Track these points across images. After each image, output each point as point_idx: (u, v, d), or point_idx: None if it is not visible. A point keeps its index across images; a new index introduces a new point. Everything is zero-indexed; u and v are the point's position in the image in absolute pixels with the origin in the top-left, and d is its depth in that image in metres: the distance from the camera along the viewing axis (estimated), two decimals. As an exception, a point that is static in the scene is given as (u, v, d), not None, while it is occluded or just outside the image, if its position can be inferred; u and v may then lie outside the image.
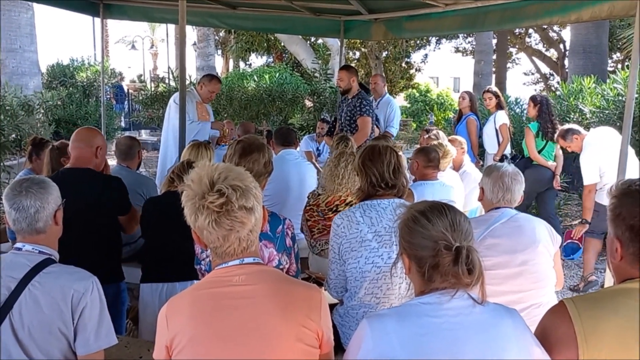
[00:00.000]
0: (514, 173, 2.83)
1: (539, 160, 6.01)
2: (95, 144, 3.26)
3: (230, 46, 24.28)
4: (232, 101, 10.30)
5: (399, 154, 2.76)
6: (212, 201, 1.51)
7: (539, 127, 5.98)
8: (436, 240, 1.55)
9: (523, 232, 2.69)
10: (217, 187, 1.52)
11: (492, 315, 1.53)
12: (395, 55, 26.67)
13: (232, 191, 1.52)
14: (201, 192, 1.53)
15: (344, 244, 2.54)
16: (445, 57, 36.14)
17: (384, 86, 7.08)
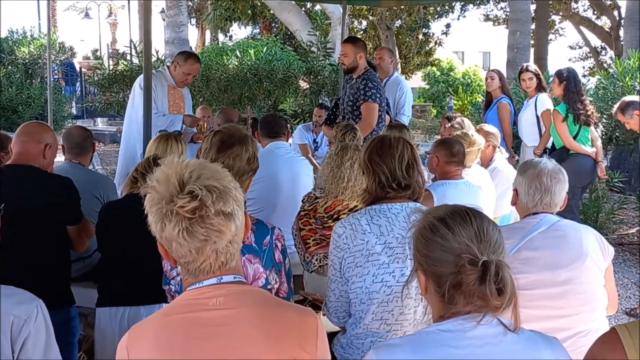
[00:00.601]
0: (555, 170, 2.83)
1: (577, 148, 6.03)
2: (45, 140, 3.27)
3: (206, 14, 24.27)
4: (209, 82, 10.29)
5: (413, 147, 2.77)
6: (183, 205, 1.51)
7: (568, 109, 6.00)
8: (459, 254, 1.56)
9: (567, 243, 2.70)
10: (189, 189, 1.52)
11: (527, 346, 1.54)
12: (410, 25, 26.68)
13: (207, 193, 1.52)
14: (169, 194, 1.53)
15: (346, 259, 2.55)
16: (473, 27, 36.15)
17: (391, 62, 7.04)
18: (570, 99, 6.02)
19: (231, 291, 1.59)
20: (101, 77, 10.46)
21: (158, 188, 1.54)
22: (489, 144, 5.18)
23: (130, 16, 28.19)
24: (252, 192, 4.26)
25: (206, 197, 1.52)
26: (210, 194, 1.52)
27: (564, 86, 6.06)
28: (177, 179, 1.54)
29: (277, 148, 4.59)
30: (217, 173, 1.59)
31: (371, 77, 5.58)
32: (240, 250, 2.34)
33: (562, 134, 6.03)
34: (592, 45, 27.58)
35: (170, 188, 1.53)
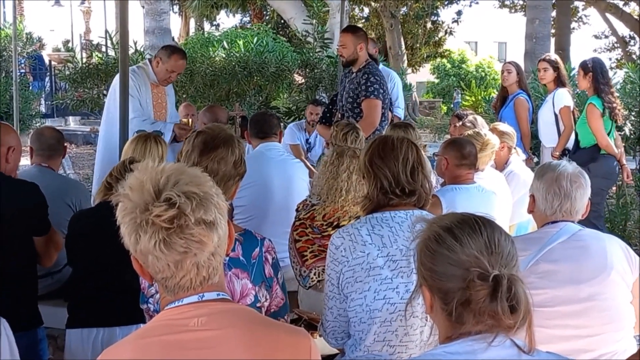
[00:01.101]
0: (575, 174, 2.84)
1: (610, 150, 6.05)
2: (7, 142, 3.28)
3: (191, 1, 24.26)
4: (193, 76, 10.27)
5: (419, 149, 2.77)
6: (159, 214, 1.51)
7: (604, 104, 6.02)
8: (467, 268, 1.56)
9: (590, 255, 2.70)
10: (165, 196, 1.52)
11: (544, 369, 1.54)
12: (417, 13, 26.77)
13: (186, 200, 1.52)
14: (143, 202, 1.53)
15: (345, 273, 2.55)
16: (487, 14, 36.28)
17: (376, 52, 7.06)
18: (603, 92, 6.03)
19: (214, 310, 1.59)
20: (73, 71, 10.44)
21: (131, 196, 1.54)
22: (503, 144, 5.17)
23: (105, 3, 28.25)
24: (240, 199, 4.29)
25: (185, 205, 1.52)
26: (189, 201, 1.52)
27: (592, 78, 6.07)
28: (152, 186, 1.54)
29: (269, 150, 4.59)
30: (197, 178, 1.59)
31: (373, 70, 5.58)
32: (227, 265, 2.38)
33: (598, 131, 6.02)
34: (620, 35, 27.64)
35: (145, 195, 1.53)
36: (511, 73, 7.00)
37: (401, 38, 26.16)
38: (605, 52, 29.10)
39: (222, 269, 1.64)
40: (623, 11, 25.44)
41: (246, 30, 14.78)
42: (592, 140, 6.10)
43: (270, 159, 4.55)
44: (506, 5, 29.25)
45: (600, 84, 6.04)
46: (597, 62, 6.27)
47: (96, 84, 10.16)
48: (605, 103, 6.01)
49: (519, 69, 7.11)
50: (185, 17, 28.92)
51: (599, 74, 6.07)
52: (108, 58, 10.57)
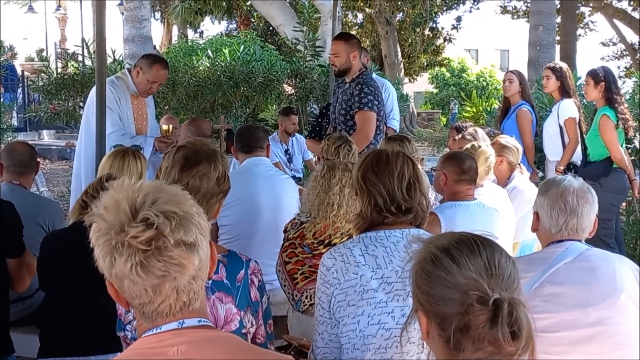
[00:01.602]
0: (582, 189, 2.85)
1: (623, 164, 6.08)
2: None
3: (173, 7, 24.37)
4: (176, 87, 10.29)
5: (415, 164, 2.78)
6: (136, 236, 1.50)
7: (617, 115, 6.05)
8: (465, 291, 1.56)
9: (598, 277, 2.70)
10: (142, 215, 1.52)
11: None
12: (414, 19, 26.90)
13: (165, 220, 1.52)
14: (119, 223, 1.52)
15: (337, 296, 2.54)
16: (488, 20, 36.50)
17: (367, 62, 7.10)
18: (616, 102, 6.07)
19: (195, 338, 1.58)
20: (47, 81, 10.44)
21: (106, 216, 1.54)
22: (502, 158, 5.17)
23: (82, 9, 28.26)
24: (225, 218, 4.28)
25: (163, 225, 1.51)
26: (168, 221, 1.52)
27: (604, 88, 6.09)
28: (128, 205, 1.53)
29: (256, 165, 4.60)
30: (176, 196, 1.59)
31: (367, 81, 5.59)
32: (210, 288, 2.37)
33: (612, 144, 6.05)
34: (629, 42, 27.84)
35: (121, 215, 1.52)
36: (513, 83, 6.99)
37: (397, 46, 26.30)
38: (613, 60, 29.32)
39: (203, 294, 1.64)
40: (632, 17, 25.65)
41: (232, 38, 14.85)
42: (604, 154, 6.12)
43: (258, 174, 4.55)
44: (508, 11, 29.45)
45: (613, 94, 6.07)
46: (609, 72, 6.30)
47: (72, 95, 10.15)
48: (618, 114, 6.03)
49: (522, 78, 7.11)
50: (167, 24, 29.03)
51: (611, 84, 6.11)
52: (85, 68, 10.58)
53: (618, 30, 27.57)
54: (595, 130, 6.23)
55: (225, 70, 10.43)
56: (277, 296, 4.11)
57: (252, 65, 10.57)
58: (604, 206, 5.83)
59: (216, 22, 27.83)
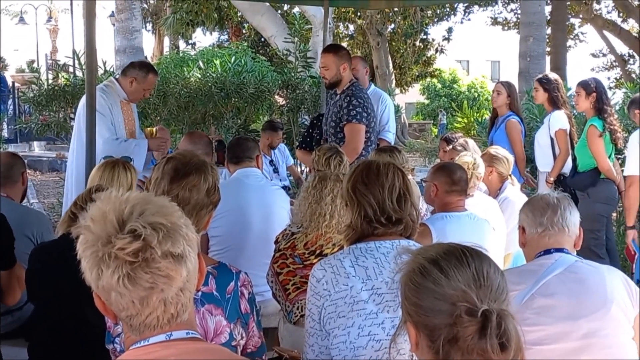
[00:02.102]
0: (561, 198, 2.91)
1: (611, 174, 6.10)
2: None
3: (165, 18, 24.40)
4: (167, 98, 10.25)
5: (405, 175, 2.78)
6: (123, 247, 1.50)
7: (605, 126, 6.08)
8: (454, 302, 1.56)
9: (589, 288, 2.70)
10: (130, 227, 1.51)
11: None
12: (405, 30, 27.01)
13: (152, 231, 1.52)
14: (106, 234, 1.52)
15: (327, 308, 2.54)
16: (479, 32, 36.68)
17: (366, 73, 7.09)
18: (606, 112, 6.11)
19: (184, 350, 1.57)
20: (38, 93, 10.41)
21: (93, 228, 1.53)
22: (492, 169, 5.18)
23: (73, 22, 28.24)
24: (216, 229, 4.27)
25: (151, 237, 1.51)
26: (155, 232, 1.52)
27: (595, 98, 6.13)
28: (115, 216, 1.53)
29: (246, 176, 4.59)
30: (164, 208, 1.58)
31: (357, 92, 5.58)
32: (200, 300, 2.36)
33: (599, 154, 6.08)
34: (618, 53, 28.02)
35: (108, 227, 1.52)
36: (501, 94, 6.99)
37: (389, 57, 26.38)
38: (603, 71, 29.51)
39: (191, 306, 1.63)
40: (622, 28, 25.83)
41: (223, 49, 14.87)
42: (592, 164, 6.16)
43: (248, 185, 4.54)
44: (499, 22, 29.60)
45: (603, 105, 6.11)
46: (600, 83, 6.35)
47: (62, 106, 10.11)
48: (606, 125, 6.07)
49: (510, 90, 7.09)
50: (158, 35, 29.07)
51: (602, 95, 6.16)
52: (76, 79, 10.54)
53: (608, 42, 27.75)
54: (583, 141, 6.27)
55: (217, 81, 10.42)
56: (267, 307, 4.10)
57: (243, 76, 10.55)
58: (592, 216, 5.90)
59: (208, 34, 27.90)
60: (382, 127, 6.78)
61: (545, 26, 16.87)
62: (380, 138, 6.59)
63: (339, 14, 24.77)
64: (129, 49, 14.60)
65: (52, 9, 36.23)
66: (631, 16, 25.27)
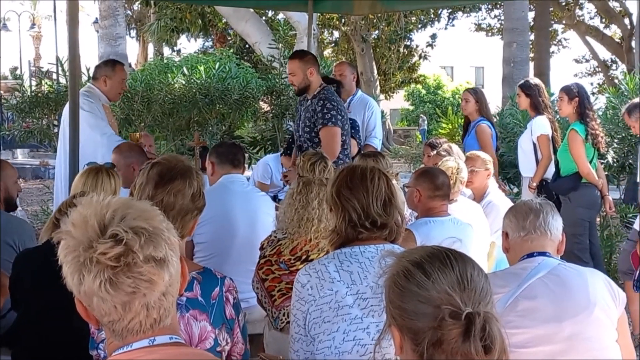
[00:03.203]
0: (544, 203, 2.94)
1: (592, 178, 6.14)
2: None
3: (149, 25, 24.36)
4: (151, 105, 10.23)
5: (390, 180, 2.78)
6: (104, 252, 1.49)
7: (587, 130, 6.13)
8: (438, 305, 1.56)
9: (571, 291, 2.72)
10: (111, 232, 1.51)
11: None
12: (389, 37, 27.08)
13: (134, 236, 1.51)
14: (87, 239, 1.51)
15: (312, 313, 2.54)
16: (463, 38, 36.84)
17: (354, 79, 7.11)
18: (588, 117, 6.15)
19: (167, 355, 1.57)
20: (21, 100, 10.36)
21: (74, 232, 1.53)
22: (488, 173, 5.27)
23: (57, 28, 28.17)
24: (200, 235, 4.26)
25: (133, 241, 1.50)
26: (137, 237, 1.51)
27: (578, 103, 6.18)
28: (96, 221, 1.52)
29: (232, 182, 4.57)
30: (146, 212, 1.58)
31: (329, 95, 5.56)
32: (184, 306, 2.35)
33: (579, 157, 6.12)
34: (601, 58, 28.23)
35: (89, 232, 1.51)
36: (469, 102, 7.14)
37: (373, 63, 26.44)
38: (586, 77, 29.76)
39: (174, 311, 1.63)
40: (604, 34, 26.04)
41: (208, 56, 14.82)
42: (573, 168, 6.19)
43: (233, 192, 4.53)
44: (482, 28, 29.76)
45: (585, 109, 6.16)
46: (582, 88, 6.41)
47: (46, 113, 10.07)
48: (588, 129, 6.11)
49: (478, 96, 7.23)
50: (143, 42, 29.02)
51: (585, 99, 6.20)
52: (59, 86, 10.50)
53: (591, 48, 27.96)
54: (565, 145, 6.31)
55: (201, 87, 10.40)
56: (252, 314, 4.08)
57: (227, 82, 10.54)
58: (574, 221, 5.93)
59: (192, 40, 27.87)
60: (368, 133, 6.78)
61: (528, 32, 17.02)
62: (367, 144, 6.59)
63: (323, 21, 24.84)
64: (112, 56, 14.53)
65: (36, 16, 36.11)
66: (613, 22, 25.49)
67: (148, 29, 24.41)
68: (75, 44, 4.63)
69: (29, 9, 35.69)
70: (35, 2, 36.94)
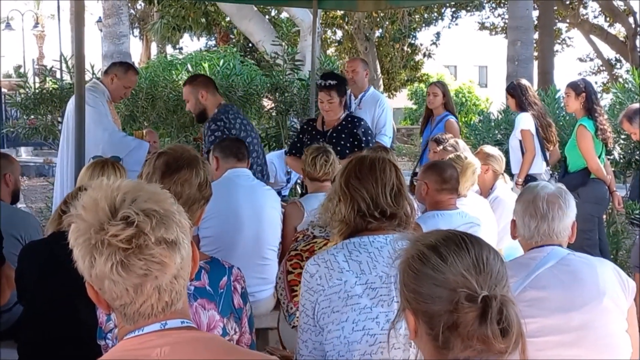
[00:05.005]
0: (553, 194, 2.88)
1: (600, 174, 6.13)
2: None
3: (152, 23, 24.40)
4: (155, 102, 10.23)
5: (399, 170, 2.77)
6: (116, 234, 1.48)
7: (596, 126, 6.12)
8: (454, 288, 1.55)
9: (580, 281, 2.71)
10: (122, 214, 1.50)
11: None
12: (393, 35, 27.06)
13: (145, 218, 1.50)
14: (98, 222, 1.50)
15: (321, 303, 2.52)
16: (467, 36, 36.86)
17: (366, 76, 7.11)
18: (597, 112, 6.15)
19: (179, 339, 1.56)
20: (25, 97, 10.37)
21: (85, 216, 1.52)
22: (488, 167, 5.22)
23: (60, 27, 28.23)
24: (206, 230, 4.25)
25: (144, 223, 1.50)
26: (148, 219, 1.51)
27: (585, 99, 6.18)
28: (107, 204, 1.52)
29: (237, 175, 4.56)
30: (156, 195, 1.58)
31: (217, 116, 5.43)
32: (192, 295, 2.35)
33: (588, 153, 6.12)
34: (605, 57, 28.20)
35: (100, 214, 1.51)
36: (437, 96, 7.22)
37: (377, 62, 26.42)
38: (590, 76, 29.71)
39: (185, 295, 1.62)
40: (608, 33, 26.01)
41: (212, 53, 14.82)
42: (582, 164, 6.20)
43: (239, 186, 4.51)
44: (486, 27, 29.74)
45: (593, 105, 6.15)
46: (589, 83, 6.44)
47: (50, 110, 10.08)
48: (597, 124, 6.11)
49: (445, 90, 7.35)
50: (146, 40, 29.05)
51: (592, 95, 6.21)
52: (63, 83, 10.52)
53: (595, 46, 27.93)
54: (573, 141, 6.31)
55: (205, 84, 10.40)
56: (259, 308, 4.08)
57: (231, 79, 10.54)
58: (583, 217, 5.87)
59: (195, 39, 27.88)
60: (378, 130, 6.76)
61: (532, 31, 16.97)
62: (376, 141, 6.57)
63: (327, 19, 24.84)
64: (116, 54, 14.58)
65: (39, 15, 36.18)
66: (617, 21, 25.47)
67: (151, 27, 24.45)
68: (81, 40, 4.62)
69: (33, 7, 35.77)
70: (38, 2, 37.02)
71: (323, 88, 5.80)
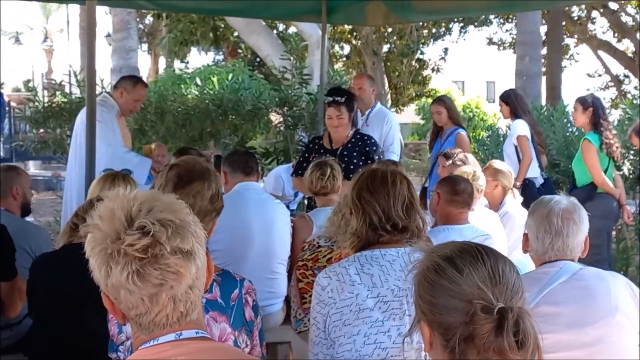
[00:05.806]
0: (567, 210, 2.86)
1: (607, 187, 6.12)
2: None
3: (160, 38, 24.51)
4: (164, 115, 10.26)
5: (411, 183, 2.77)
6: (132, 243, 1.49)
7: (601, 140, 6.13)
8: (470, 300, 1.55)
9: (593, 296, 2.70)
10: (138, 223, 1.51)
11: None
12: (401, 50, 27.11)
13: (161, 228, 1.51)
14: (114, 231, 1.51)
15: (332, 316, 2.52)
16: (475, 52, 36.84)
17: (373, 92, 7.09)
18: (603, 126, 6.17)
19: (194, 349, 1.56)
20: (34, 111, 10.41)
21: (101, 225, 1.53)
22: (497, 183, 5.22)
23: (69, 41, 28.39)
24: (216, 243, 4.24)
25: (160, 233, 1.51)
26: (164, 229, 1.52)
27: (592, 113, 6.21)
28: (124, 213, 1.53)
29: (247, 189, 4.56)
30: (172, 205, 1.59)
31: None
32: (204, 307, 2.34)
33: (593, 167, 6.14)
34: (613, 73, 28.16)
35: (116, 224, 1.52)
36: (442, 114, 7.19)
37: (384, 77, 26.47)
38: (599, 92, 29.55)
39: (200, 305, 1.63)
40: (616, 49, 25.98)
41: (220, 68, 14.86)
42: (589, 179, 6.20)
43: (249, 199, 4.51)
44: (494, 42, 29.76)
45: (600, 119, 6.18)
46: (597, 98, 6.48)
47: (59, 124, 10.12)
48: (602, 138, 6.12)
49: (448, 105, 7.31)
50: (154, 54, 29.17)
51: (599, 109, 6.24)
52: (72, 98, 10.56)
53: (603, 62, 27.91)
54: (580, 156, 6.33)
55: (214, 98, 10.43)
56: (268, 322, 4.07)
57: (240, 93, 10.57)
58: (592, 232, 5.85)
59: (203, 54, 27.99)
60: (386, 147, 6.66)
61: (540, 46, 17.01)
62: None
63: (335, 34, 24.91)
64: (125, 69, 14.66)
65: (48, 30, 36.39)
66: (626, 36, 25.45)
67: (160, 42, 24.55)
68: (93, 54, 4.66)
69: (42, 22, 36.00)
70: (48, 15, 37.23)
71: (332, 104, 5.67)
